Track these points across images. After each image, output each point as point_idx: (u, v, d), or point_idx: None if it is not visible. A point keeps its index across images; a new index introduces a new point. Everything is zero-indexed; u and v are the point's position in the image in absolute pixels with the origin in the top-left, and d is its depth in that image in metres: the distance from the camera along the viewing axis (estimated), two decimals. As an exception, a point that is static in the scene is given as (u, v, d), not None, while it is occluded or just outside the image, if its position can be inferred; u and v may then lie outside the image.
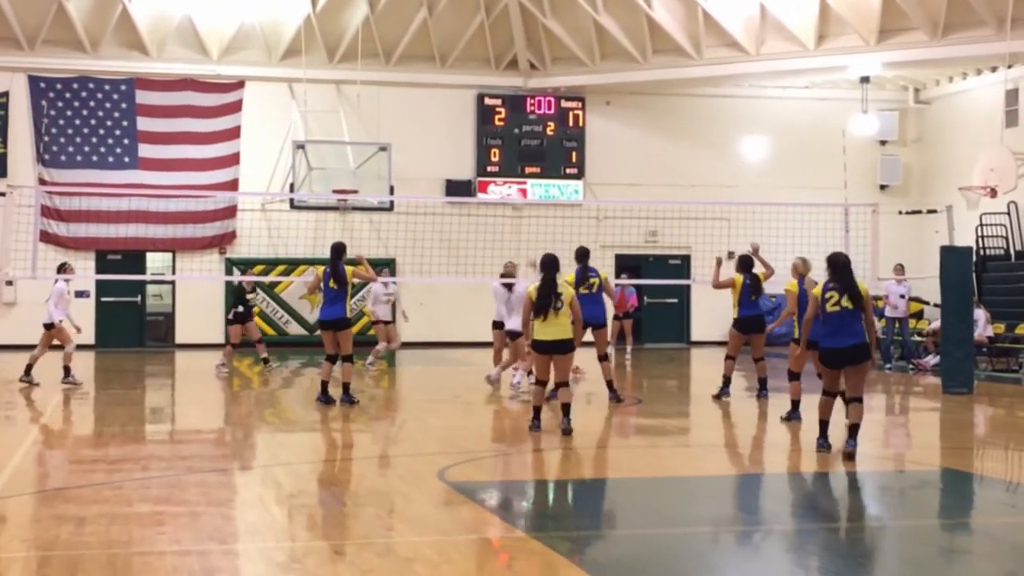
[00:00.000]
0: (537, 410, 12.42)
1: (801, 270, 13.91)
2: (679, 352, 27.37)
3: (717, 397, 15.94)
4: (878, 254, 19.34)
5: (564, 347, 12.26)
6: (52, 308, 17.57)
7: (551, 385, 12.49)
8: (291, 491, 9.47)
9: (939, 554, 7.86)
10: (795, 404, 13.67)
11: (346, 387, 14.98)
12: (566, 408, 12.24)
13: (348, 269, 14.94)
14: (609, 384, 15.51)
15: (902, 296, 22.18)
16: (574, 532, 8.30)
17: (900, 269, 21.96)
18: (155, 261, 27.72)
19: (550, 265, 12.32)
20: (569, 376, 12.53)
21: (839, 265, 11.10)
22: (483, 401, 16.42)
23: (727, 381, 16.01)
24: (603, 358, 15.54)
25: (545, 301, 12.11)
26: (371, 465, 11.12)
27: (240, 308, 20.30)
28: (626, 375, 20.53)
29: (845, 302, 10.86)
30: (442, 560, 7.12)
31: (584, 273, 15.29)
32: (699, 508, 9.28)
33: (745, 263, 15.94)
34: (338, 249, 15.07)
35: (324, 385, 15.18)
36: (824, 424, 11.28)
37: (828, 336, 10.95)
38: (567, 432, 12.04)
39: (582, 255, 15.47)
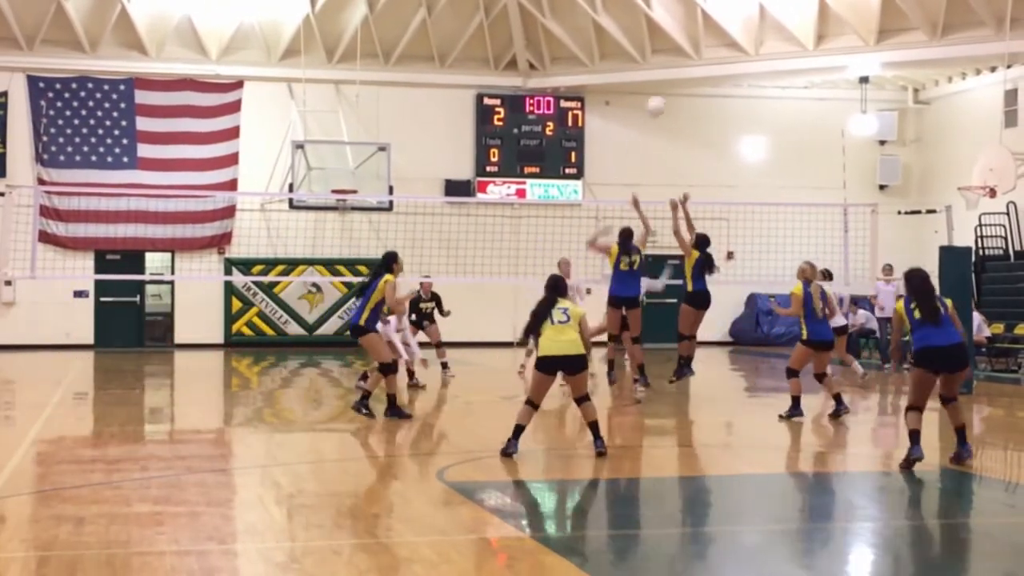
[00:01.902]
0: (519, 430, 10.96)
1: (808, 275, 13.96)
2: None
3: (674, 381, 15.84)
4: (877, 254, 19.32)
5: (576, 364, 10.76)
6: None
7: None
8: (290, 491, 9.48)
9: (939, 554, 7.86)
10: (795, 400, 13.72)
11: (366, 395, 14.04)
12: (594, 427, 10.97)
13: (382, 281, 13.57)
14: (640, 368, 15.47)
15: (898, 296, 22.11)
16: (573, 532, 8.31)
17: (889, 269, 21.85)
18: (154, 261, 27.71)
19: (553, 288, 10.96)
20: (587, 389, 11.06)
21: (914, 281, 10.73)
22: (483, 401, 16.42)
23: (688, 360, 15.72)
24: (636, 340, 15.47)
25: (536, 320, 10.81)
26: (370, 465, 11.12)
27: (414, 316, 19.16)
28: (625, 375, 20.51)
29: (928, 314, 10.54)
30: (441, 560, 7.12)
31: (627, 247, 15.29)
32: (698, 508, 9.29)
33: (701, 241, 15.67)
34: (387, 259, 13.82)
35: (391, 398, 13.91)
36: (916, 433, 10.59)
37: (924, 337, 10.52)
38: (602, 454, 10.87)
39: (627, 234, 15.53)
